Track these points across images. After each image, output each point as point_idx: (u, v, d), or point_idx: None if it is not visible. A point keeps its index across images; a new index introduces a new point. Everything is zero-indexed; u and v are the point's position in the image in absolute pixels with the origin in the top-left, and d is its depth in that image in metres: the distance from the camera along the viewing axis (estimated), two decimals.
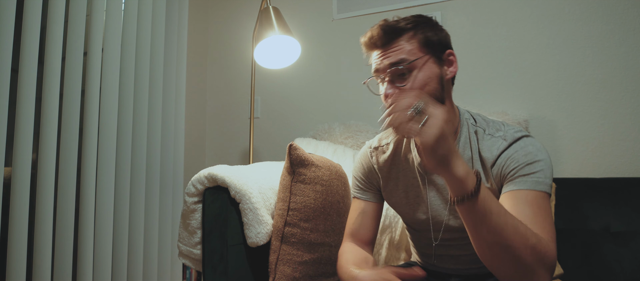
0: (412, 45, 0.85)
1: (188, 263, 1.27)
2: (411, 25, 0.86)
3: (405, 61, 0.83)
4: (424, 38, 0.85)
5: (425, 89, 0.83)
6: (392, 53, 0.84)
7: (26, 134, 1.32)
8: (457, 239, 0.95)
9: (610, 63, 1.59)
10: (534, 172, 0.79)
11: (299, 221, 1.20)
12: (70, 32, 1.47)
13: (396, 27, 0.85)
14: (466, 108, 0.99)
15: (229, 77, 2.28)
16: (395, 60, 0.83)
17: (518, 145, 0.84)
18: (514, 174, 0.81)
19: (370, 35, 0.88)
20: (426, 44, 0.85)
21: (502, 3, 1.75)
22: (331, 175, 1.27)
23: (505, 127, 0.89)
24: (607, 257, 1.29)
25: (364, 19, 1.99)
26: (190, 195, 1.22)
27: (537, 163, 0.80)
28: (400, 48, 0.84)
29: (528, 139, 0.85)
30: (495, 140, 0.87)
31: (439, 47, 0.87)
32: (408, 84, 0.83)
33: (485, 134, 0.89)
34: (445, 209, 0.93)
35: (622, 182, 1.38)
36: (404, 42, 0.85)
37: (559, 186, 1.41)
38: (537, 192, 0.78)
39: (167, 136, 1.85)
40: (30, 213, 1.33)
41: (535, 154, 0.81)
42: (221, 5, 2.34)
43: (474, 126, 0.91)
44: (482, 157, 0.87)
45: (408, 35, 0.85)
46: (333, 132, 1.82)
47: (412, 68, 0.83)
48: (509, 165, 0.82)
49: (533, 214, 0.75)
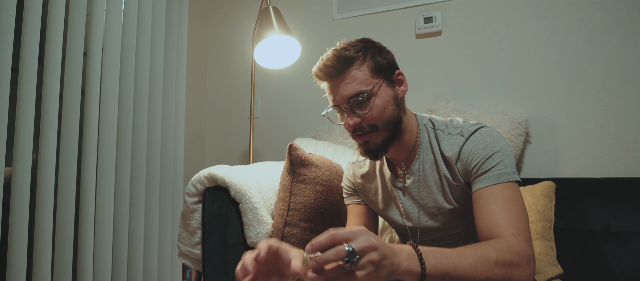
0: (363, 73, 0.88)
1: (188, 263, 1.27)
2: (361, 52, 0.89)
3: (362, 92, 0.86)
4: (374, 64, 0.89)
5: (385, 113, 0.87)
6: (347, 85, 0.87)
7: (26, 134, 1.32)
8: (436, 240, 0.97)
9: (610, 63, 1.59)
10: (493, 165, 0.82)
11: (299, 221, 1.20)
12: (70, 32, 1.47)
13: (346, 57, 0.88)
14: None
15: (229, 77, 2.28)
16: (353, 92, 0.86)
17: (475, 138, 0.87)
18: (476, 171, 0.84)
19: (321, 66, 0.90)
20: (377, 70, 0.89)
21: (502, 3, 1.75)
22: (331, 175, 1.27)
23: (463, 124, 0.92)
24: (607, 257, 1.29)
25: (364, 19, 1.99)
26: (190, 195, 1.22)
27: (495, 155, 0.83)
28: (353, 78, 0.87)
29: (484, 129, 0.88)
30: (454, 138, 0.90)
31: (389, 69, 0.91)
32: (368, 112, 0.87)
33: (444, 134, 0.92)
34: (424, 216, 0.96)
35: (622, 182, 1.38)
36: (355, 70, 0.88)
37: (559, 186, 1.41)
38: (501, 185, 0.81)
39: (167, 136, 1.85)
40: (30, 213, 1.33)
41: (492, 145, 0.84)
42: (221, 5, 2.34)
43: (433, 130, 0.94)
44: (445, 157, 0.90)
45: (358, 63, 0.88)
46: (333, 132, 1.82)
47: (370, 96, 0.87)
48: (471, 161, 0.85)
49: (500, 211, 0.78)
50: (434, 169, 0.92)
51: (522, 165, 1.67)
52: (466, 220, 0.93)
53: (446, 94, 1.76)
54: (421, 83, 1.85)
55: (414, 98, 1.86)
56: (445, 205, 0.92)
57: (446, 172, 0.90)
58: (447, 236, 0.97)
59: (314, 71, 0.93)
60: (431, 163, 0.92)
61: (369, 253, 0.59)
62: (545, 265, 1.22)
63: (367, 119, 0.87)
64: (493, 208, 0.78)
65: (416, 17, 1.87)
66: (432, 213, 0.95)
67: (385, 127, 0.88)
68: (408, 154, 0.95)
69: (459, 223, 0.94)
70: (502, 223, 0.76)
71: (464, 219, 0.93)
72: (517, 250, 0.71)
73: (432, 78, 1.84)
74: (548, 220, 1.31)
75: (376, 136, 0.89)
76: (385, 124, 0.88)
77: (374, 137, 0.89)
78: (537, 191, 1.35)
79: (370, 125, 0.88)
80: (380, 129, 0.88)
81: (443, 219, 0.94)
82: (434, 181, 0.92)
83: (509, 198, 0.79)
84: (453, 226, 0.94)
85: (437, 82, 1.83)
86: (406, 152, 0.95)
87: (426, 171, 0.93)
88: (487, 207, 0.79)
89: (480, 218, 0.80)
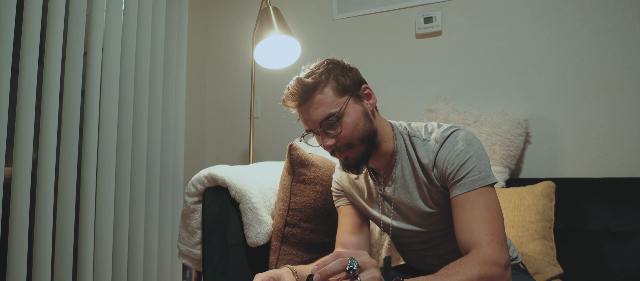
0: (329, 95, 0.89)
1: (188, 263, 1.27)
2: (324, 75, 0.90)
3: (332, 115, 0.88)
4: (337, 85, 0.90)
5: (357, 129, 0.89)
6: (315, 110, 0.89)
7: (26, 134, 1.32)
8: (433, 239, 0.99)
9: (610, 63, 1.59)
10: (468, 172, 0.84)
11: (299, 221, 1.20)
12: (70, 32, 1.47)
13: (309, 84, 0.89)
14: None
15: (229, 77, 2.28)
16: (322, 116, 0.88)
17: (449, 144, 0.88)
18: (452, 178, 0.86)
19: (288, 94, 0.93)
20: (342, 90, 0.90)
21: (502, 3, 1.75)
22: (331, 175, 1.27)
23: (437, 129, 0.93)
24: (607, 257, 1.29)
25: (364, 19, 1.99)
26: (190, 195, 1.22)
27: (468, 161, 0.84)
28: (320, 102, 0.89)
29: (457, 132, 0.89)
30: (429, 145, 0.92)
31: (354, 86, 0.92)
32: (341, 131, 0.89)
33: (420, 140, 0.94)
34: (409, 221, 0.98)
35: (622, 182, 1.38)
36: (319, 95, 0.89)
37: (559, 186, 1.41)
38: (476, 191, 0.83)
39: (167, 136, 1.85)
40: (30, 213, 1.33)
41: (465, 150, 0.85)
42: (221, 5, 2.34)
43: (409, 137, 0.95)
44: (422, 163, 0.92)
45: (321, 87, 0.89)
46: None
47: (339, 116, 0.89)
48: (446, 167, 0.87)
49: (474, 218, 0.81)
50: (413, 175, 0.94)
51: (522, 165, 1.67)
52: (449, 221, 0.94)
53: (446, 94, 1.76)
54: (421, 83, 1.85)
55: (413, 98, 1.86)
56: (426, 209, 0.94)
57: (424, 178, 0.92)
58: (432, 238, 0.99)
59: (282, 99, 0.96)
60: (410, 170, 0.94)
61: (370, 268, 0.65)
62: (545, 265, 1.22)
63: (341, 139, 0.89)
64: (469, 216, 0.81)
65: (416, 17, 1.87)
66: (414, 217, 0.97)
67: (361, 142, 0.90)
68: (387, 162, 0.97)
69: (442, 225, 0.96)
70: (477, 231, 0.79)
71: (447, 221, 0.95)
72: (493, 259, 0.74)
73: (432, 78, 1.84)
74: (548, 220, 1.31)
75: (353, 151, 0.91)
76: (360, 140, 0.90)
77: (351, 153, 0.91)
78: (537, 191, 1.35)
79: (345, 144, 0.90)
80: (355, 145, 0.90)
81: (425, 222, 0.96)
82: (414, 186, 0.94)
83: (483, 204, 0.82)
84: (436, 228, 0.97)
85: (437, 82, 1.83)
86: (385, 161, 0.97)
87: (406, 178, 0.95)
88: (463, 215, 0.82)
89: (458, 226, 0.83)
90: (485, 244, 0.77)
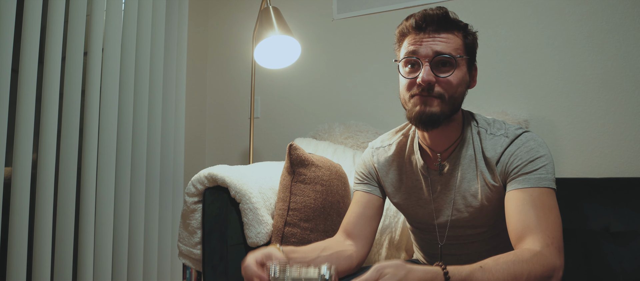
0: (458, 42, 0.86)
1: (188, 263, 1.27)
2: (463, 24, 0.88)
3: (453, 57, 0.84)
4: (467, 42, 0.88)
5: (457, 89, 0.85)
6: (441, 42, 0.84)
7: (26, 134, 1.32)
8: (462, 237, 0.96)
9: (610, 63, 1.59)
10: (536, 169, 0.81)
11: (299, 221, 1.20)
12: (70, 32, 1.47)
13: (453, 20, 0.87)
14: (466, 108, 1.00)
15: (229, 77, 2.28)
16: (446, 51, 0.83)
17: (520, 141, 0.86)
18: (517, 172, 0.83)
19: (421, 15, 0.85)
20: (468, 48, 0.88)
21: (502, 3, 1.75)
22: (331, 175, 1.27)
23: (506, 126, 0.91)
24: (607, 257, 1.29)
25: (364, 19, 1.99)
26: (190, 195, 1.22)
27: (539, 159, 0.82)
28: (449, 40, 0.85)
29: (529, 134, 0.87)
30: (498, 138, 0.89)
31: (473, 56, 0.91)
32: (448, 75, 0.84)
33: (487, 133, 0.91)
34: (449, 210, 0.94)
35: (622, 182, 1.38)
36: (454, 35, 0.86)
37: (559, 186, 1.39)
38: (541, 189, 0.80)
39: (167, 136, 1.85)
40: (30, 213, 1.33)
41: (537, 150, 0.83)
42: (221, 5, 2.34)
43: (477, 127, 0.93)
44: (486, 156, 0.89)
45: (459, 31, 0.87)
46: (333, 132, 1.82)
47: (455, 65, 0.84)
48: (513, 162, 0.84)
49: (536, 217, 0.77)
50: (473, 165, 0.90)
51: None
52: (490, 221, 0.92)
53: None
54: None
55: None
56: (474, 203, 0.90)
57: (484, 171, 0.89)
58: (467, 235, 0.95)
59: (405, 20, 0.88)
60: (471, 159, 0.91)
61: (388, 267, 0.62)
62: None
63: (441, 83, 0.83)
64: (530, 212, 0.77)
65: None
66: (459, 209, 0.92)
67: (451, 102, 0.85)
68: (448, 145, 0.92)
69: (482, 223, 0.92)
70: (537, 229, 0.75)
71: (488, 219, 0.92)
72: (549, 262, 0.72)
73: None
74: None
75: (440, 105, 0.84)
76: (452, 99, 0.85)
77: (435, 104, 0.84)
78: None
79: (439, 92, 0.83)
80: (446, 100, 0.84)
81: (469, 216, 0.92)
82: (470, 177, 0.90)
83: (546, 205, 0.78)
84: (476, 224, 0.93)
85: None
86: (447, 142, 0.92)
87: (463, 166, 0.91)
88: (524, 208, 0.78)
89: (516, 219, 0.79)
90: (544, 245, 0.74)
